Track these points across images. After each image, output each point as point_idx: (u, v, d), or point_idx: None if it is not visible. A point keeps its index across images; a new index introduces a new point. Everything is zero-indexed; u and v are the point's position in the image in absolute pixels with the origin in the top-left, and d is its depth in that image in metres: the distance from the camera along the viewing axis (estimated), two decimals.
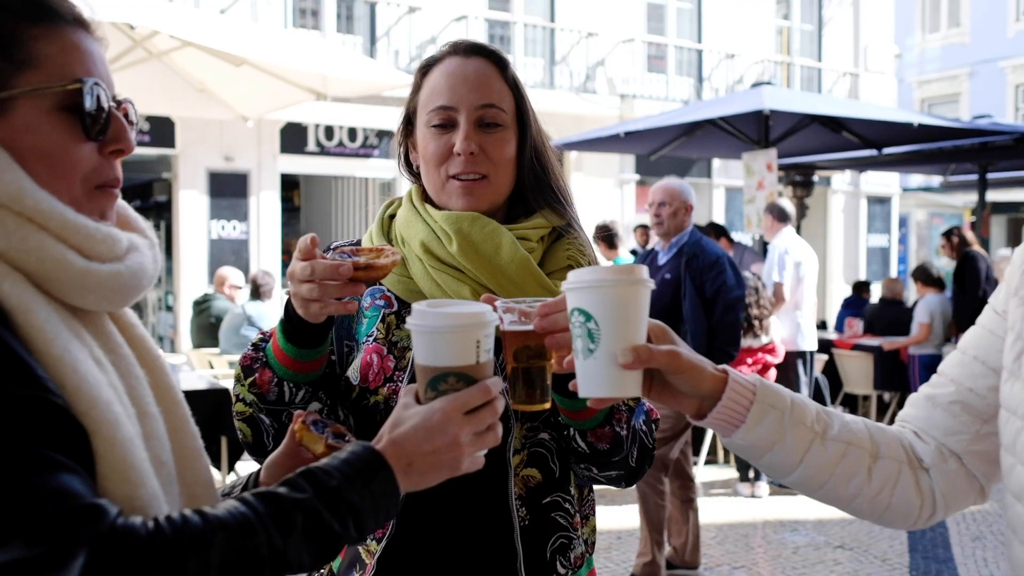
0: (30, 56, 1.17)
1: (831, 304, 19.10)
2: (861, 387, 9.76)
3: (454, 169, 1.70)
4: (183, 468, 1.27)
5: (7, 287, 1.10)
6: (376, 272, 1.41)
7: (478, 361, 1.25)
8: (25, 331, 1.08)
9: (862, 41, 21.83)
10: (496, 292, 1.62)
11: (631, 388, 1.28)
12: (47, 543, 0.96)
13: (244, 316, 7.82)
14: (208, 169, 14.41)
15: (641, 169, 18.29)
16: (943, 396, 1.49)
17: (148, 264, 1.27)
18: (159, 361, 1.33)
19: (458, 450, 1.23)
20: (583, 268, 1.26)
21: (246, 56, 6.76)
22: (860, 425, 1.46)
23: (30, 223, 1.13)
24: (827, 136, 10.94)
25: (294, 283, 1.43)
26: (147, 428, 1.20)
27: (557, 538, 1.67)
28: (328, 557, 1.17)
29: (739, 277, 5.63)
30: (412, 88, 1.80)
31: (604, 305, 1.24)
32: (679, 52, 19.17)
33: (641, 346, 1.25)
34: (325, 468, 1.18)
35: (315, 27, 15.34)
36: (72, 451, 1.05)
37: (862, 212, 22.38)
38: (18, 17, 1.18)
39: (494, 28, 16.97)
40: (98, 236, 1.19)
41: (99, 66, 1.24)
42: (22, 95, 1.16)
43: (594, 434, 1.60)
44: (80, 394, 1.08)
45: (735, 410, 1.35)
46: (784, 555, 6.10)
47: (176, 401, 1.32)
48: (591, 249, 1.80)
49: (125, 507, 1.07)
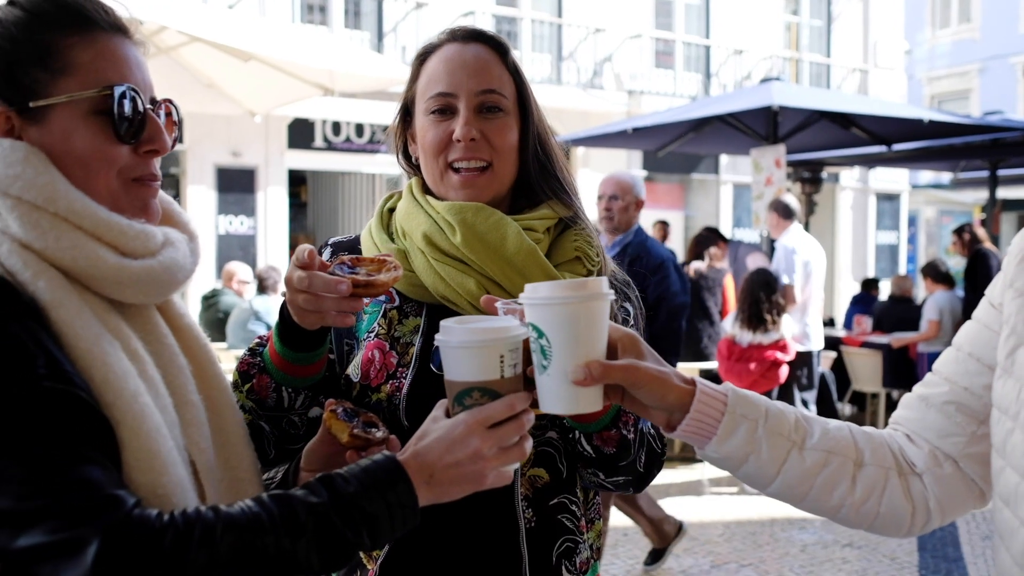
0: (66, 64, 1.25)
1: (839, 301, 19.05)
2: (870, 385, 9.73)
3: (454, 156, 1.64)
4: (226, 455, 1.36)
5: (42, 284, 1.17)
6: (376, 289, 1.38)
7: (502, 376, 1.24)
8: (57, 326, 1.16)
9: (871, 37, 21.75)
10: (502, 283, 1.59)
11: (587, 404, 1.25)
12: (66, 531, 1.03)
13: (251, 311, 7.85)
14: (215, 164, 14.42)
15: (649, 165, 18.25)
16: (937, 396, 1.42)
17: (182, 259, 1.34)
18: (205, 350, 1.41)
19: (481, 463, 1.23)
20: (539, 283, 1.24)
21: (254, 52, 6.76)
22: (844, 432, 1.41)
23: (65, 222, 1.21)
24: (836, 132, 10.89)
25: (291, 291, 1.39)
26: (186, 416, 1.28)
27: (563, 541, 1.63)
28: (339, 562, 1.17)
29: (684, 283, 5.34)
30: (410, 77, 1.74)
31: (553, 322, 1.22)
32: (687, 48, 19.11)
33: (594, 362, 1.22)
34: (345, 475, 1.20)
35: (322, 22, 15.33)
36: (95, 442, 1.11)
37: (871, 209, 22.31)
38: (56, 28, 1.26)
39: (501, 24, 16.94)
40: (131, 233, 1.26)
41: (134, 70, 1.30)
42: (58, 103, 1.24)
43: (600, 437, 1.55)
44: (107, 386, 1.16)
45: (705, 422, 1.31)
46: (792, 553, 6.08)
47: (220, 389, 1.39)
48: (599, 240, 1.75)
49: (149, 494, 1.14)
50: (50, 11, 1.26)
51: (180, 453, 1.24)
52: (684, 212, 19.75)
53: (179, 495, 1.18)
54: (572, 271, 1.67)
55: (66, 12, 1.26)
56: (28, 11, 1.26)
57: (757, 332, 7.13)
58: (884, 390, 9.64)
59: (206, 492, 1.28)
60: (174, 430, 1.25)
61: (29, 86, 1.24)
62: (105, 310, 1.23)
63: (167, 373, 1.28)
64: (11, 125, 1.26)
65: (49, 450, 1.06)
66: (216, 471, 1.32)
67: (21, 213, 1.19)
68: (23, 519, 1.03)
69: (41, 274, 1.17)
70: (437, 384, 1.43)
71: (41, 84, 1.24)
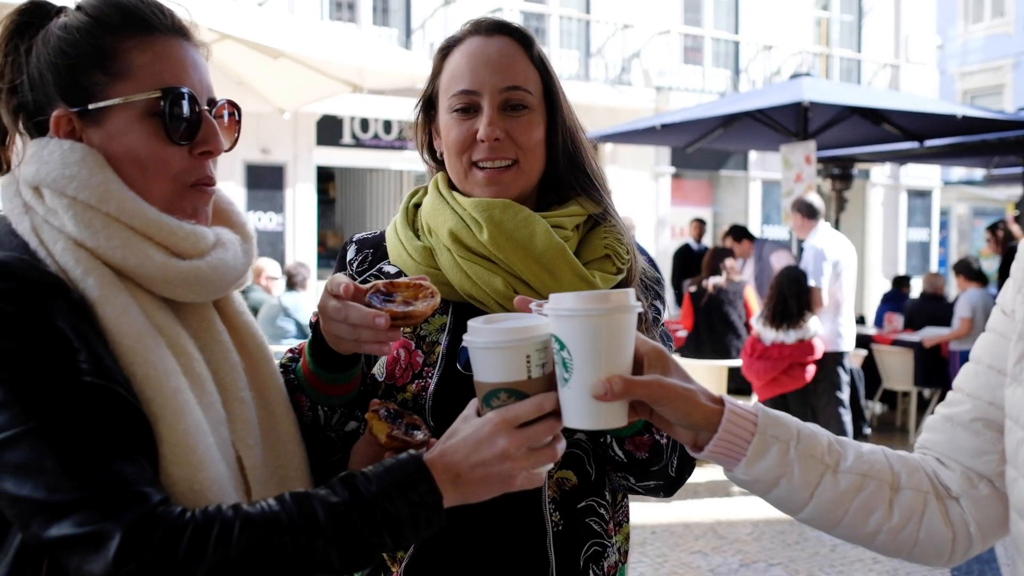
0: (123, 67, 1.29)
1: (870, 299, 18.87)
2: (901, 383, 9.63)
3: (478, 155, 1.61)
4: (277, 453, 1.38)
5: (91, 281, 1.21)
6: (414, 320, 1.35)
7: (529, 376, 1.21)
8: (103, 323, 1.19)
9: (903, 32, 21.52)
10: (530, 282, 1.56)
11: (610, 419, 1.21)
12: (92, 524, 1.07)
13: (280, 307, 7.93)
14: (245, 161, 14.51)
15: (677, 162, 18.18)
16: (963, 414, 1.36)
17: (232, 259, 1.36)
18: (260, 348, 1.43)
19: (509, 464, 1.21)
20: (565, 294, 1.20)
21: (283, 49, 6.78)
22: (879, 455, 1.34)
23: (117, 222, 1.25)
24: (867, 128, 10.79)
25: (325, 319, 1.35)
26: (235, 413, 1.31)
27: (591, 545, 1.60)
28: (360, 562, 1.17)
29: None
30: (432, 71, 1.70)
31: (575, 334, 1.17)
32: (716, 44, 19.00)
33: (615, 377, 1.17)
34: (367, 474, 1.20)
35: (351, 20, 15.38)
36: (130, 438, 1.14)
37: (902, 206, 22.09)
38: (115, 31, 1.29)
39: (529, 20, 16.90)
40: (180, 233, 1.29)
41: (191, 72, 1.34)
42: (115, 105, 1.28)
43: (632, 442, 1.52)
44: (147, 382, 1.19)
45: (734, 443, 1.25)
46: (822, 552, 6.03)
47: (274, 387, 1.42)
48: (630, 236, 1.70)
49: (185, 490, 1.17)
50: (111, 15, 1.30)
51: (225, 450, 1.27)
52: (712, 209, 19.65)
53: (216, 492, 1.20)
54: (602, 269, 1.63)
55: (125, 16, 1.30)
56: (91, 16, 1.30)
57: (780, 330, 7.05)
58: (915, 388, 9.54)
59: (252, 489, 1.30)
60: (220, 427, 1.27)
61: (89, 89, 1.28)
62: (157, 307, 1.27)
63: (218, 370, 1.31)
64: (72, 127, 1.30)
65: (83, 444, 1.10)
66: (264, 469, 1.34)
67: (75, 212, 1.23)
68: (55, 510, 1.07)
69: (91, 271, 1.21)
70: (464, 384, 1.41)
71: (100, 87, 1.28)
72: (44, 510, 1.08)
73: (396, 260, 1.67)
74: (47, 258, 1.22)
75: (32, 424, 1.09)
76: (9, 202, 1.29)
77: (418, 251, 1.64)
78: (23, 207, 1.27)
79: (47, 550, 1.11)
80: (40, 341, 1.12)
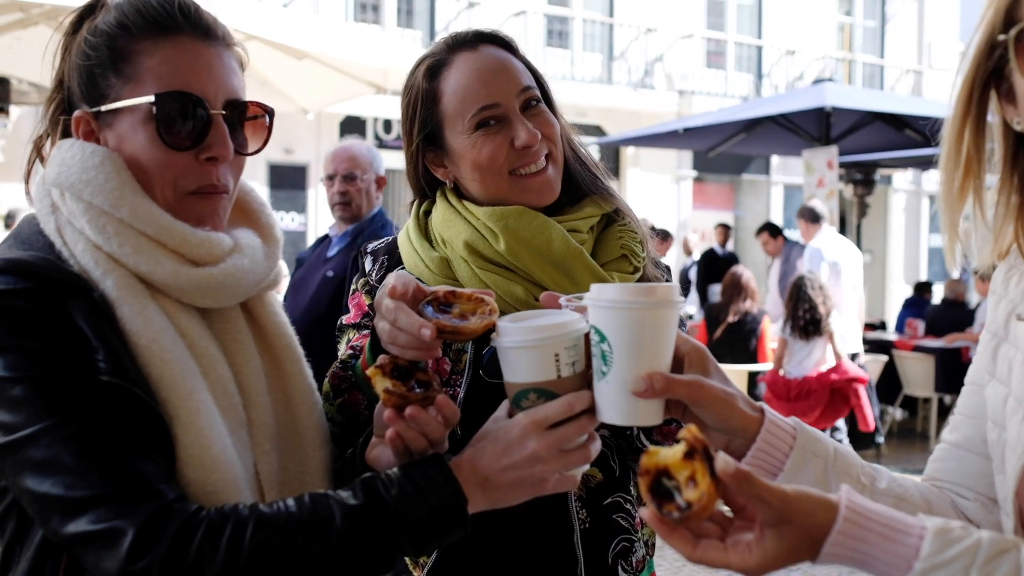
0: (134, 69, 1.26)
1: (891, 305, 18.78)
2: (921, 389, 9.57)
3: (515, 163, 1.58)
4: (298, 457, 1.34)
5: (110, 282, 1.20)
6: (462, 337, 1.26)
7: (559, 376, 1.17)
8: (122, 323, 1.19)
9: (926, 37, 21.39)
10: (549, 288, 1.53)
11: (646, 417, 1.16)
12: (106, 521, 1.07)
13: None
14: (268, 161, 14.60)
15: (699, 166, 18.15)
16: (968, 439, 1.32)
17: (250, 265, 1.33)
18: (288, 350, 1.40)
19: (540, 467, 1.18)
20: (606, 284, 1.16)
21: (308, 50, 6.83)
22: (908, 481, 1.30)
23: (130, 228, 1.23)
24: (889, 134, 10.75)
25: (378, 315, 1.30)
26: (251, 416, 1.29)
27: (619, 541, 1.59)
28: (378, 565, 1.15)
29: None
30: (422, 100, 1.62)
31: (617, 327, 1.13)
32: (739, 48, 18.97)
33: (657, 374, 1.13)
34: (388, 477, 1.18)
35: (375, 21, 15.46)
36: (145, 437, 1.14)
37: (924, 211, 21.94)
38: (133, 33, 1.26)
39: (553, 23, 16.94)
40: (194, 240, 1.26)
41: (203, 75, 1.28)
42: (122, 107, 1.26)
43: (660, 432, 1.51)
44: (163, 382, 1.18)
45: (772, 454, 1.20)
46: None
47: (300, 390, 1.38)
48: (645, 231, 1.69)
49: (199, 491, 1.16)
50: (130, 15, 1.27)
51: (244, 452, 1.25)
52: (734, 213, 19.59)
53: (230, 493, 1.19)
54: (619, 270, 1.62)
55: (143, 16, 1.27)
56: (115, 16, 1.28)
57: (810, 339, 6.93)
58: (936, 395, 9.49)
59: (265, 493, 1.28)
60: (241, 430, 1.26)
61: (103, 91, 1.27)
62: (180, 309, 1.25)
63: (240, 373, 1.30)
64: (90, 128, 1.29)
65: (101, 442, 1.10)
66: (280, 473, 1.31)
67: (91, 217, 1.23)
68: (72, 506, 1.08)
69: (110, 273, 1.21)
70: (492, 392, 1.39)
71: (113, 89, 1.27)
72: (62, 507, 1.08)
73: (412, 269, 1.65)
74: (71, 258, 1.22)
75: (51, 421, 1.09)
76: (39, 202, 1.28)
77: (435, 262, 1.62)
78: (51, 207, 1.26)
79: (66, 546, 1.11)
80: (60, 340, 1.13)
